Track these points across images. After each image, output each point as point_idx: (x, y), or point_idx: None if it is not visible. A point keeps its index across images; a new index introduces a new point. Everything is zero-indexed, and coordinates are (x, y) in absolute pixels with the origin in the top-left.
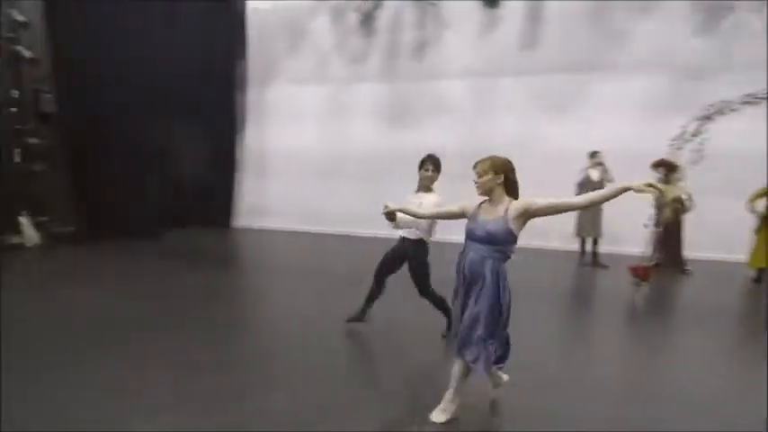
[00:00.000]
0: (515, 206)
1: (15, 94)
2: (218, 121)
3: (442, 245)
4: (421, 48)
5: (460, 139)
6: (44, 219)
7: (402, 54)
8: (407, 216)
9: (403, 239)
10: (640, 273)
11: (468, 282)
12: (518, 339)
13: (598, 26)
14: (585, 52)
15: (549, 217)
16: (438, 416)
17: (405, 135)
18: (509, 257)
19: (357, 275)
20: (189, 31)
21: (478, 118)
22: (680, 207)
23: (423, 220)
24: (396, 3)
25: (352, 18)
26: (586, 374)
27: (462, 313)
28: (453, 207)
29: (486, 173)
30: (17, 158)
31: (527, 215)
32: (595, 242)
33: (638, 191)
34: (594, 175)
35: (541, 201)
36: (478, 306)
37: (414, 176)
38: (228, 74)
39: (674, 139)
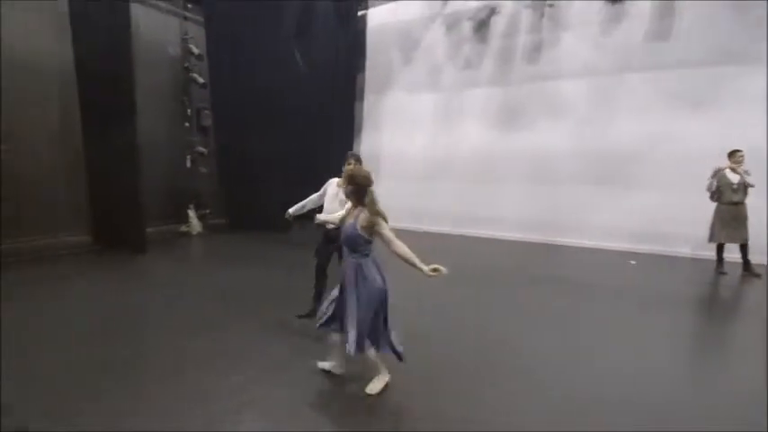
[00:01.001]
0: (365, 217)
1: (189, 111)
2: (339, 129)
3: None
4: (536, 50)
5: (578, 140)
6: (205, 212)
7: (516, 57)
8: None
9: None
10: None
11: (345, 274)
12: (647, 348)
13: (743, 14)
14: (726, 44)
15: (677, 221)
16: (323, 364)
17: (518, 137)
18: (367, 255)
19: (458, 270)
20: (317, 50)
21: (599, 117)
22: None
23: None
24: (511, 7)
25: (467, 26)
26: (723, 388)
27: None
28: (347, 206)
29: (349, 193)
30: (188, 163)
31: (371, 230)
32: (743, 248)
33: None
34: (734, 177)
35: (385, 230)
36: (361, 301)
37: (526, 177)
38: (349, 85)
39: None
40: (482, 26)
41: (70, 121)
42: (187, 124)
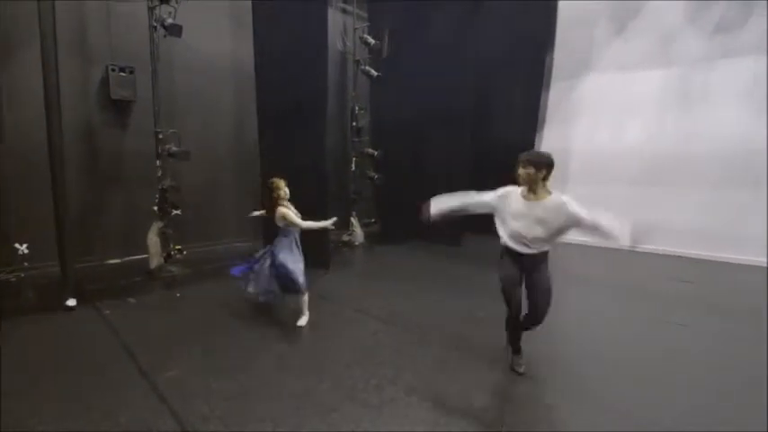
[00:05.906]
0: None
1: (356, 109)
2: (518, 124)
3: None
4: None
5: None
6: (369, 221)
7: None
8: None
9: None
10: None
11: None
12: None
13: None
14: None
15: None
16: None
17: None
18: (287, 236)
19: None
20: (494, 29)
21: None
22: None
23: None
24: None
25: None
26: None
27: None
28: None
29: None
30: (353, 167)
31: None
32: None
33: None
34: None
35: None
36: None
37: None
38: (532, 70)
39: None
40: None
41: (244, 127)
42: (354, 124)
